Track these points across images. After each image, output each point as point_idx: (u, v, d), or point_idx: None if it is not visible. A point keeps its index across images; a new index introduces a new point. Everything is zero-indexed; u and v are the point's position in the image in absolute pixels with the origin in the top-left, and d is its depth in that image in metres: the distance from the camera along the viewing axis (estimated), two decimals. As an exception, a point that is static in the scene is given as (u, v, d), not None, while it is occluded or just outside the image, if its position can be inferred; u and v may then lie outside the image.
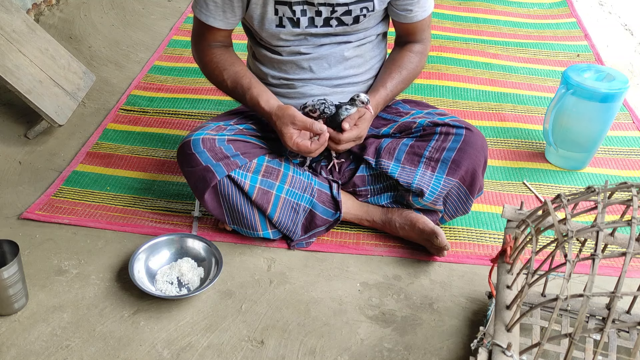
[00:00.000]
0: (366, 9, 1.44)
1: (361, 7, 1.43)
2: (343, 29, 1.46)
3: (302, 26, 1.44)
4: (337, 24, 1.45)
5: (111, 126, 2.00)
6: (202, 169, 1.43)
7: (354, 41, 1.50)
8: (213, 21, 1.47)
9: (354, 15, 1.44)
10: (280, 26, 1.44)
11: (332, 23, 1.44)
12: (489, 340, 0.97)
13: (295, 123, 1.42)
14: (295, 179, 1.50)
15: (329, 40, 1.49)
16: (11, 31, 1.95)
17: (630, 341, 1.21)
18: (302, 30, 1.45)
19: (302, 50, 1.49)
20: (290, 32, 1.45)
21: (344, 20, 1.44)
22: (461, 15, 2.83)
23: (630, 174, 1.85)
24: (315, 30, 1.45)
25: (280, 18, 1.43)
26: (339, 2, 1.40)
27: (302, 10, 1.42)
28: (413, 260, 1.51)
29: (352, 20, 1.45)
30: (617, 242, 1.08)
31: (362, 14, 1.44)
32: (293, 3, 1.40)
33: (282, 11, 1.42)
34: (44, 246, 1.52)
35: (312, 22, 1.44)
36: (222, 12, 1.45)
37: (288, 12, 1.42)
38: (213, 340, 1.29)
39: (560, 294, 0.85)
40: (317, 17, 1.43)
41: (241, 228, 1.50)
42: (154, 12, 2.80)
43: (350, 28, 1.47)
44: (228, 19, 1.47)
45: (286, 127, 1.43)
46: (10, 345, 1.26)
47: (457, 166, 1.46)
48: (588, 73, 1.75)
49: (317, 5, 1.40)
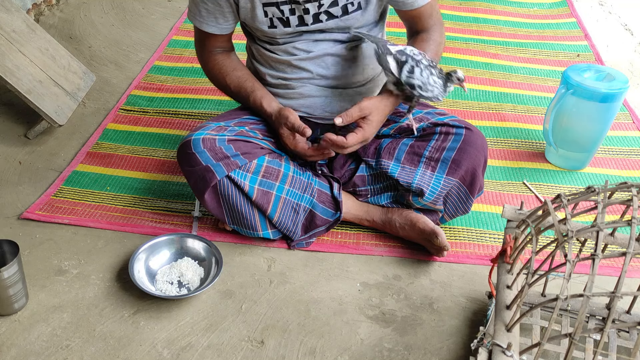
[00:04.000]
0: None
1: None
2: (335, 22, 1.46)
3: (293, 25, 1.44)
4: (327, 17, 1.44)
5: (111, 126, 2.00)
6: (202, 169, 1.43)
7: (350, 41, 1.50)
8: (207, 27, 1.50)
9: (341, 4, 1.43)
10: (272, 27, 1.45)
11: (321, 18, 1.44)
12: (489, 340, 0.97)
13: (286, 124, 1.45)
14: (296, 179, 1.50)
15: (323, 37, 1.48)
16: (11, 31, 1.95)
17: (630, 341, 1.21)
18: (294, 29, 1.45)
19: (298, 49, 1.49)
20: (283, 32, 1.46)
21: (332, 12, 1.44)
22: (461, 15, 2.83)
23: (630, 174, 1.85)
24: (307, 27, 1.45)
25: (270, 19, 1.44)
26: None
27: (290, 9, 1.42)
28: (413, 260, 1.51)
29: (341, 12, 1.44)
30: (617, 242, 1.08)
31: (350, 2, 1.43)
32: (280, 3, 1.41)
33: (271, 12, 1.43)
34: (44, 246, 1.52)
35: (302, 21, 1.44)
36: (214, 19, 1.48)
37: (277, 13, 1.43)
38: (213, 340, 1.29)
39: (560, 294, 0.85)
40: (305, 15, 1.43)
41: (241, 228, 1.50)
42: (154, 12, 2.80)
43: (341, 21, 1.46)
44: (221, 24, 1.50)
45: (281, 128, 1.47)
46: (10, 345, 1.26)
47: (457, 166, 1.46)
48: (588, 73, 1.75)
49: (303, 3, 1.41)
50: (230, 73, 1.55)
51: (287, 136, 1.47)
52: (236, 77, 1.55)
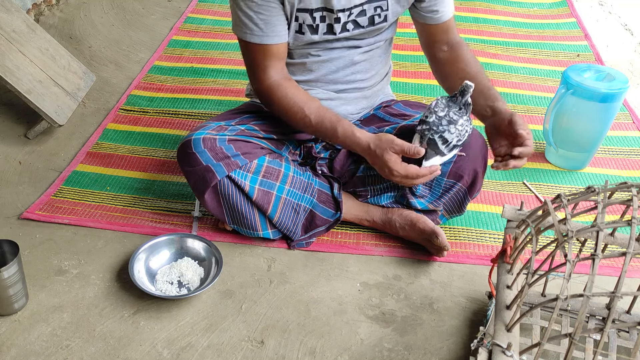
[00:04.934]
0: (380, 8, 1.42)
1: (375, 6, 1.41)
2: (359, 31, 1.44)
3: (320, 33, 1.41)
4: (353, 27, 1.42)
5: (111, 126, 2.00)
6: (202, 169, 1.43)
7: (364, 46, 1.49)
8: (269, 39, 1.38)
9: (369, 15, 1.42)
10: (300, 33, 1.42)
11: (348, 27, 1.42)
12: (489, 340, 0.97)
13: (394, 147, 1.33)
14: (296, 180, 1.50)
15: (341, 44, 1.47)
16: (11, 31, 1.95)
17: (630, 341, 1.21)
18: (320, 37, 1.42)
19: (313, 52, 1.47)
20: (309, 39, 1.42)
21: (359, 22, 1.42)
22: (461, 15, 2.83)
23: (630, 174, 1.85)
24: (333, 36, 1.43)
25: (300, 25, 1.40)
26: (355, 4, 1.38)
27: (321, 16, 1.39)
28: (413, 260, 1.51)
29: (368, 22, 1.43)
30: (617, 242, 1.08)
31: (377, 14, 1.42)
32: (314, 10, 1.38)
33: (302, 18, 1.39)
34: (44, 246, 1.52)
35: (331, 29, 1.41)
36: (273, 27, 1.37)
37: (308, 19, 1.39)
38: (213, 340, 1.29)
39: (560, 294, 0.85)
40: (336, 24, 1.40)
41: (241, 228, 1.50)
42: (154, 12, 2.80)
43: (365, 31, 1.44)
44: (280, 31, 1.38)
45: (388, 153, 1.33)
46: (10, 345, 1.26)
47: (457, 169, 1.47)
48: (588, 73, 1.75)
49: (336, 12, 1.38)
50: (308, 102, 1.42)
51: (395, 161, 1.33)
52: (315, 107, 1.41)
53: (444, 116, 1.33)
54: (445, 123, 1.32)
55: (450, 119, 1.32)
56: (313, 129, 1.43)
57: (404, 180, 1.35)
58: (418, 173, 1.33)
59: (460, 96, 1.34)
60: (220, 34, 2.61)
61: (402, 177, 1.34)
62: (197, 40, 2.56)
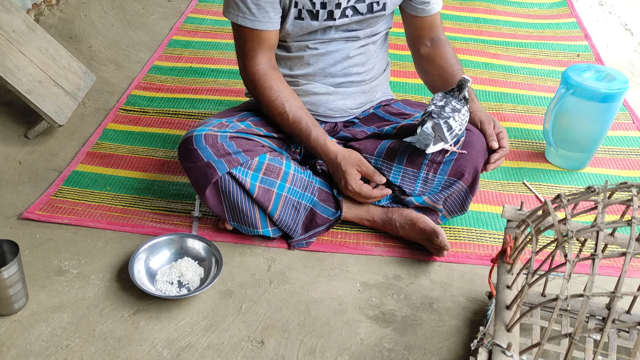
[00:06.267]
0: None
1: None
2: (358, 18, 1.46)
3: (321, 19, 1.43)
4: (352, 13, 1.44)
5: (111, 126, 2.00)
6: (203, 165, 1.43)
7: (361, 37, 1.51)
8: (260, 24, 1.41)
9: (367, 2, 1.44)
10: (299, 19, 1.43)
11: (347, 13, 1.44)
12: (489, 340, 0.97)
13: (360, 166, 1.46)
14: (297, 178, 1.50)
15: (338, 35, 1.49)
16: (11, 31, 1.95)
17: (630, 341, 1.21)
18: (320, 24, 1.44)
19: (311, 45, 1.49)
20: (309, 26, 1.44)
21: (358, 8, 1.44)
22: (461, 15, 2.83)
23: (630, 174, 1.85)
24: (333, 22, 1.45)
25: (299, 10, 1.42)
26: None
27: (322, 3, 1.41)
28: (413, 260, 1.51)
29: (366, 9, 1.45)
30: (617, 242, 1.08)
31: (375, 1, 1.45)
32: None
33: (302, 3, 1.41)
34: (44, 246, 1.52)
35: (331, 15, 1.43)
36: (266, 13, 1.40)
37: (308, 5, 1.41)
38: (213, 340, 1.29)
39: (560, 294, 0.85)
40: (336, 9, 1.42)
41: (241, 225, 1.50)
42: (154, 12, 2.80)
43: (364, 18, 1.46)
44: (272, 18, 1.41)
45: (351, 168, 1.45)
46: (10, 345, 1.26)
47: (458, 167, 1.47)
48: (588, 73, 1.75)
49: None
50: (290, 100, 1.47)
51: (354, 177, 1.45)
52: (296, 107, 1.47)
53: (446, 104, 1.41)
54: (449, 110, 1.40)
55: (454, 107, 1.41)
56: (289, 126, 1.48)
57: (356, 197, 1.49)
58: (370, 194, 1.47)
59: (458, 90, 1.43)
60: (220, 34, 2.61)
61: (354, 194, 1.47)
62: (197, 40, 2.56)
